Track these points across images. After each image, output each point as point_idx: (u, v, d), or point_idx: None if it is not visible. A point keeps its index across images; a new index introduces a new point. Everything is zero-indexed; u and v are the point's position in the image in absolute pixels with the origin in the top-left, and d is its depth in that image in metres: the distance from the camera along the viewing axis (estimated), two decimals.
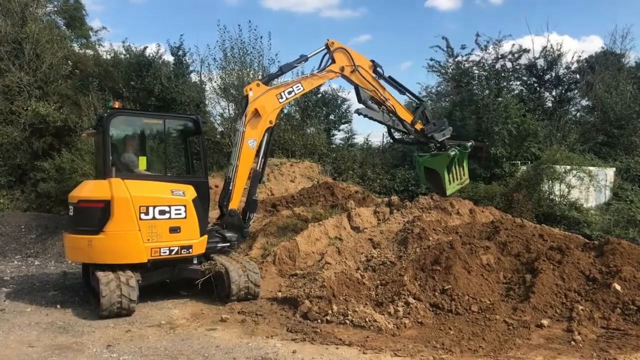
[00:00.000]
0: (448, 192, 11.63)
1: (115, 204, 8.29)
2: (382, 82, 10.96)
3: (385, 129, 12.02)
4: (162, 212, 8.59)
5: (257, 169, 10.03)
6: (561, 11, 53.20)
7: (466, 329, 7.38)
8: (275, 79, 10.63)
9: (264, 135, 9.85)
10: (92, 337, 7.10)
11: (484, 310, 7.95)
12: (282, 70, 10.48)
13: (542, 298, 8.12)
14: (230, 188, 9.61)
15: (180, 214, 8.74)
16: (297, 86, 10.13)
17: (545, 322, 7.52)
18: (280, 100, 9.97)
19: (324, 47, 10.47)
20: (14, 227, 15.28)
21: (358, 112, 11.06)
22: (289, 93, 10.05)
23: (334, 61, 10.47)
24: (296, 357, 6.35)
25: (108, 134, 8.73)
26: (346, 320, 7.60)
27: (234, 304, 8.65)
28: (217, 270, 8.90)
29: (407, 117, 11.18)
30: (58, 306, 8.77)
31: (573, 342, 6.82)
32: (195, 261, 9.10)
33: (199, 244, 9.03)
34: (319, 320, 7.74)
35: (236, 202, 9.76)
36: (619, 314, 7.61)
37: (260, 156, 9.99)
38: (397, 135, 12.33)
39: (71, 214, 8.87)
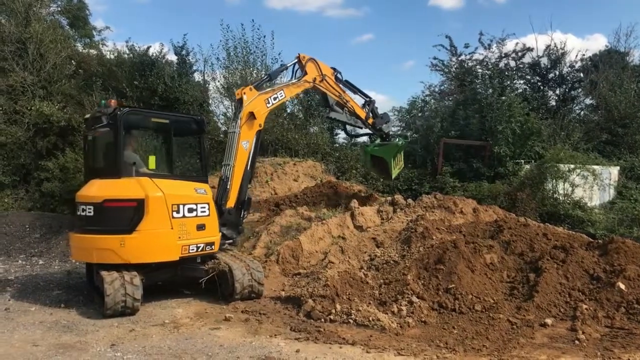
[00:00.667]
0: (393, 176, 13.84)
1: (150, 203, 8.34)
2: (341, 86, 12.24)
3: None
4: (190, 210, 8.76)
5: (247, 169, 10.23)
6: (565, 10, 53.01)
7: (470, 328, 7.37)
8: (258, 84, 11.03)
9: (254, 138, 10.25)
10: (96, 336, 7.12)
11: (487, 310, 7.94)
12: (270, 77, 11.26)
13: (545, 297, 8.10)
14: (228, 187, 9.83)
15: (205, 211, 8.98)
16: (280, 93, 10.84)
17: (549, 321, 7.50)
18: (268, 105, 10.56)
19: (296, 59, 11.48)
20: (18, 226, 15.32)
21: (328, 116, 12.84)
22: (274, 99, 10.69)
23: (306, 72, 11.42)
24: (300, 356, 6.36)
25: (122, 132, 8.70)
26: (349, 320, 7.60)
27: (238, 303, 8.66)
28: (220, 269, 8.90)
29: (362, 114, 12.77)
30: (62, 305, 8.79)
31: (577, 341, 6.80)
32: (198, 260, 9.12)
33: (218, 241, 9.29)
34: (323, 320, 7.74)
35: (233, 201, 9.96)
36: (623, 313, 7.59)
37: (250, 157, 10.24)
38: (350, 130, 14.27)
39: (89, 214, 8.59)
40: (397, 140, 13.41)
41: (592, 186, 17.22)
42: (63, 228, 14.95)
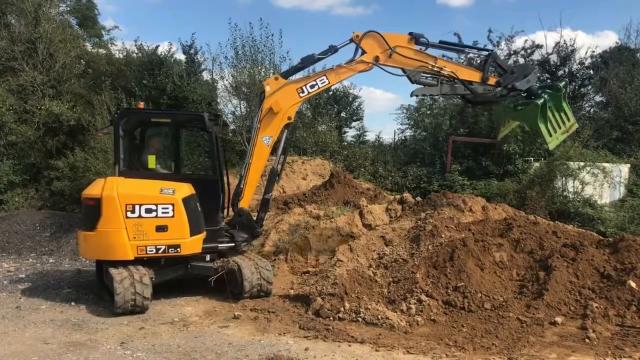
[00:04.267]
0: (552, 146, 10.36)
1: (104, 202, 8.45)
2: (431, 51, 9.60)
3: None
4: (148, 211, 8.55)
5: (275, 166, 9.47)
6: (574, 6, 52.61)
7: (479, 326, 7.35)
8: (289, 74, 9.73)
9: (282, 132, 9.25)
10: (106, 334, 7.17)
11: (497, 308, 7.91)
12: (302, 63, 9.41)
13: (555, 295, 8.04)
14: (242, 186, 9.19)
15: (167, 212, 8.62)
16: (322, 79, 9.20)
17: (559, 319, 7.46)
18: (301, 95, 9.13)
19: (348, 41, 9.30)
20: (28, 225, 15.41)
21: (413, 94, 9.94)
22: (312, 87, 9.14)
23: (364, 52, 9.26)
24: (308, 354, 6.37)
25: (119, 133, 8.92)
26: (358, 318, 7.60)
27: (247, 301, 8.69)
28: (229, 268, 8.93)
29: (475, 76, 9.77)
30: (72, 303, 8.85)
31: (587, 340, 6.78)
32: (207, 258, 9.13)
33: (190, 244, 8.77)
34: (331, 318, 7.75)
35: (247, 201, 9.36)
36: (634, 312, 7.51)
37: (279, 154, 9.44)
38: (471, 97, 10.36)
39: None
40: (537, 97, 9.68)
41: (603, 184, 17.08)
42: (73, 227, 15.03)
